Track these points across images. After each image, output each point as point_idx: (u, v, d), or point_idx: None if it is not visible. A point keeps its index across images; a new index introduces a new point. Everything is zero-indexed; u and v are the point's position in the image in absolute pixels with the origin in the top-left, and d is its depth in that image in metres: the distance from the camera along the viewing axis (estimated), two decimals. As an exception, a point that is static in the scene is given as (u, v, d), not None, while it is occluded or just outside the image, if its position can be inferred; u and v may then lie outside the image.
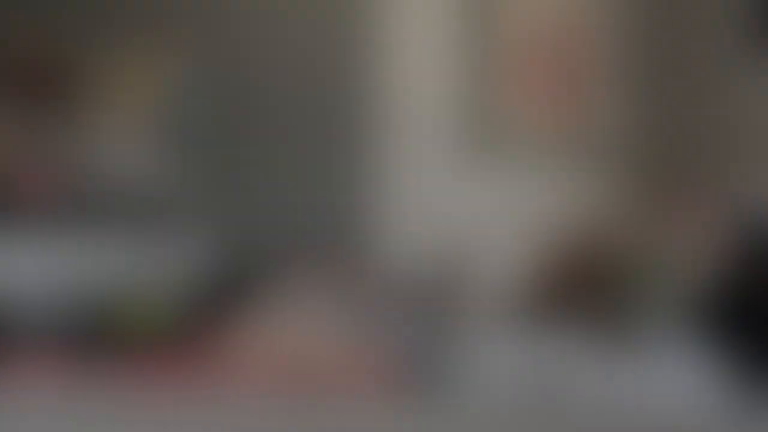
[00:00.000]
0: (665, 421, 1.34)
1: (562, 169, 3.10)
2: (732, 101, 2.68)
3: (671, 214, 2.15)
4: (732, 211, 2.13)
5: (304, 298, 2.40)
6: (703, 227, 2.02)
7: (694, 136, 2.98)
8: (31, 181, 2.85)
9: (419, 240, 3.11)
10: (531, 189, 3.10)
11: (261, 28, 3.05)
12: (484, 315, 2.22)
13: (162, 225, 2.96)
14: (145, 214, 2.96)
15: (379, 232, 3.11)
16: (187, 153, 3.00)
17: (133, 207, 2.95)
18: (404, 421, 1.27)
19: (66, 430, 1.20)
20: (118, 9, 2.99)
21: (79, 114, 2.93)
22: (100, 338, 2.31)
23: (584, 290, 2.00)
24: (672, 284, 1.93)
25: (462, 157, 3.11)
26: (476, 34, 3.10)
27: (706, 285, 2.07)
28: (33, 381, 1.77)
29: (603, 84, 3.08)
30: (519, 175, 3.11)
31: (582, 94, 3.08)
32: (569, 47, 3.09)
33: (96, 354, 2.05)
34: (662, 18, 3.07)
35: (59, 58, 2.92)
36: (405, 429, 1.24)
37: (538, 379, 1.83)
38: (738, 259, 2.02)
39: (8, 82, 2.88)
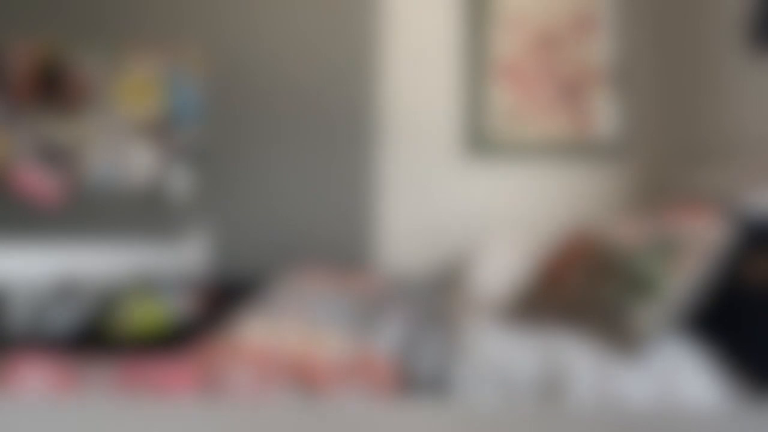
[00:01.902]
0: (666, 420, 1.34)
1: (561, 169, 3.10)
2: (732, 100, 2.69)
3: (671, 213, 2.15)
4: (732, 210, 2.14)
5: (304, 299, 2.40)
6: (703, 226, 2.02)
7: (694, 136, 2.98)
8: (33, 183, 2.85)
9: (419, 240, 3.11)
10: (530, 189, 3.10)
11: (263, 33, 3.05)
12: (485, 315, 2.22)
13: (163, 227, 2.96)
14: (147, 216, 2.96)
15: (378, 233, 3.11)
16: (189, 156, 3.00)
17: (134, 209, 2.95)
18: (404, 420, 1.28)
19: (66, 430, 1.21)
20: (121, 13, 3.00)
21: (81, 116, 2.93)
22: (101, 338, 2.31)
23: (584, 289, 2.00)
24: (672, 283, 1.93)
25: (461, 158, 3.11)
26: (477, 37, 3.11)
27: (705, 284, 2.07)
28: (35, 379, 1.77)
29: (602, 84, 3.08)
30: (519, 174, 3.11)
31: (581, 94, 3.08)
32: (569, 48, 3.09)
33: (96, 354, 2.05)
34: (662, 19, 3.07)
35: (61, 62, 2.92)
36: (405, 429, 1.24)
37: (537, 379, 1.83)
38: (737, 258, 2.03)
39: (11, 85, 2.88)
